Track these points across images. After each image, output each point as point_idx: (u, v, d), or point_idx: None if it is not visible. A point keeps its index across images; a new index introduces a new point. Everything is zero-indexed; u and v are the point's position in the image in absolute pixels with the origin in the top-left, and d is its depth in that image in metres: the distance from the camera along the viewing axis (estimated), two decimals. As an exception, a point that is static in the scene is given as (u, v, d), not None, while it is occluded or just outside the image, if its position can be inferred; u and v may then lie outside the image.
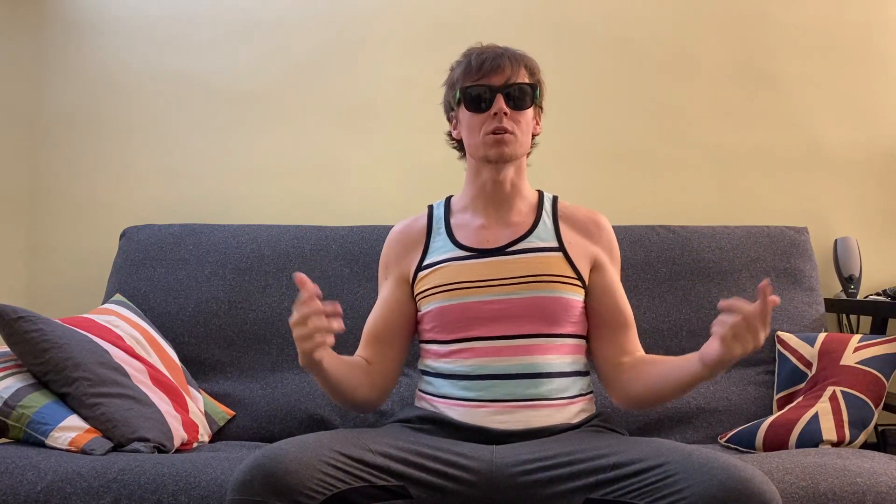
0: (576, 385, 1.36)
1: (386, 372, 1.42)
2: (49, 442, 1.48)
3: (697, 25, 2.31)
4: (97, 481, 1.31)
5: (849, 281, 2.13)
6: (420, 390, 1.43)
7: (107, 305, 1.90)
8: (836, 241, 2.18)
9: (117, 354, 1.68)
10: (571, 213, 1.47)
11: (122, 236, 2.12)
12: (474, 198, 1.45)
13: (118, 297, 1.96)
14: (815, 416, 1.64)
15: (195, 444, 1.72)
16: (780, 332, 1.91)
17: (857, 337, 1.78)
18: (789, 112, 2.29)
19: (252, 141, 2.32)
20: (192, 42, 2.34)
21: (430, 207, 1.52)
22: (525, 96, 1.38)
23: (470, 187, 1.46)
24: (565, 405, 1.33)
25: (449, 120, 1.50)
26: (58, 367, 1.55)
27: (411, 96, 2.30)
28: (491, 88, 1.36)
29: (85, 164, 2.33)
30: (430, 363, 1.41)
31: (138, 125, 2.33)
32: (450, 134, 1.50)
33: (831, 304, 2.08)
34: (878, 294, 2.10)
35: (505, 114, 1.36)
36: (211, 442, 1.81)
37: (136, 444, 1.52)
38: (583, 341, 1.42)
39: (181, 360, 1.89)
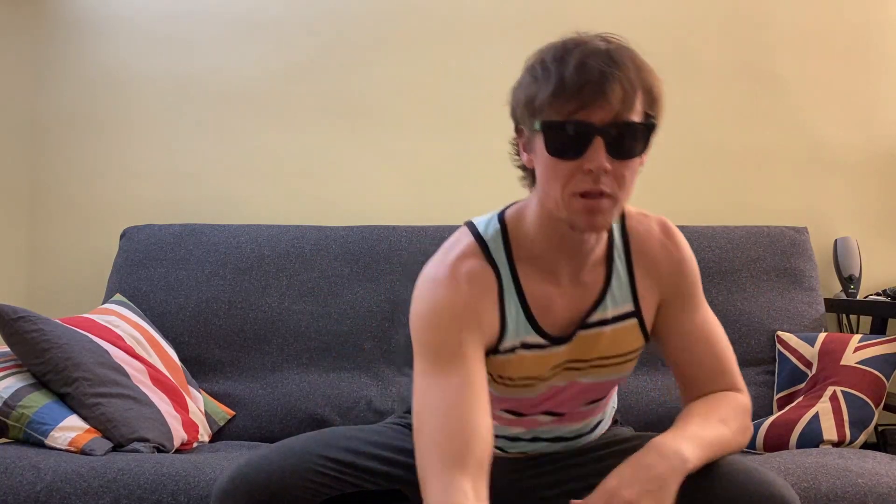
0: (608, 418, 1.28)
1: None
2: (49, 442, 1.48)
3: (697, 25, 2.30)
4: (97, 481, 1.31)
5: (849, 281, 2.12)
6: None
7: (107, 305, 1.90)
8: (836, 241, 2.18)
9: (117, 354, 1.68)
10: (643, 242, 1.15)
11: (122, 236, 2.12)
12: (545, 249, 1.08)
13: (118, 297, 1.96)
14: (816, 415, 1.64)
15: (195, 444, 1.72)
16: (780, 332, 1.91)
17: (857, 337, 1.78)
18: (789, 112, 2.28)
19: (252, 141, 2.32)
20: (192, 42, 2.34)
21: (480, 239, 1.08)
22: (637, 140, 0.99)
23: (540, 232, 1.08)
24: (592, 433, 1.25)
25: (517, 132, 1.07)
26: (58, 367, 1.55)
27: (411, 96, 2.30)
28: (588, 129, 0.95)
29: (85, 164, 2.33)
30: None
31: (138, 125, 2.33)
32: (516, 149, 1.09)
33: (831, 304, 2.08)
34: (878, 294, 2.10)
35: (605, 170, 0.95)
36: (211, 442, 1.81)
37: (135, 445, 1.52)
38: None
39: (181, 360, 1.89)
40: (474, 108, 2.28)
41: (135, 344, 1.76)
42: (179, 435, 1.65)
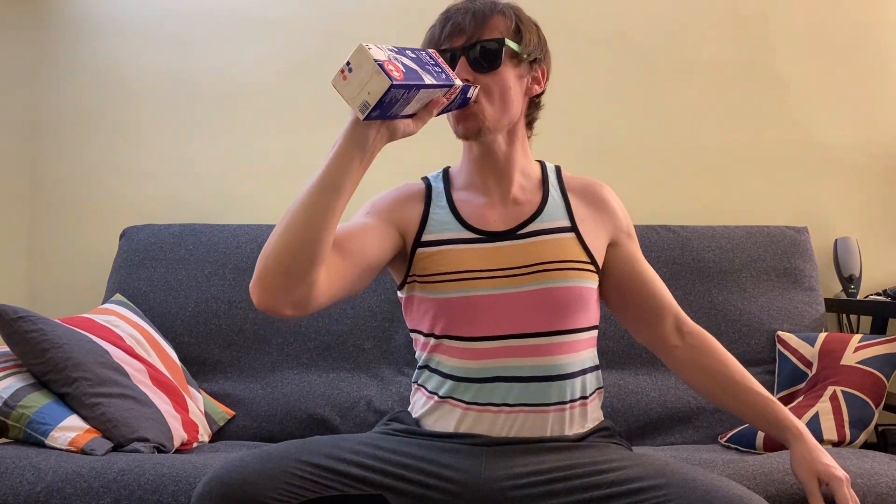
0: (589, 384, 1.26)
1: (331, 279, 1.12)
2: (49, 442, 1.48)
3: (697, 25, 2.30)
4: (97, 482, 1.31)
5: (849, 281, 2.13)
6: (420, 384, 1.28)
7: (107, 305, 1.90)
8: (836, 241, 2.18)
9: (117, 354, 1.68)
10: (578, 185, 1.33)
11: (122, 236, 2.12)
12: (471, 172, 1.31)
13: (118, 297, 1.96)
14: (816, 415, 1.64)
15: (195, 445, 1.72)
16: (780, 332, 1.91)
17: (857, 337, 1.78)
18: (789, 112, 2.29)
19: (252, 141, 2.32)
20: (193, 42, 2.34)
21: (426, 178, 1.37)
22: (491, 55, 1.21)
23: (465, 161, 1.33)
24: (577, 407, 1.23)
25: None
26: (58, 367, 1.55)
27: (411, 96, 2.30)
28: (452, 53, 1.23)
29: (85, 164, 2.33)
30: (432, 358, 1.26)
31: (138, 125, 2.33)
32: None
33: (831, 304, 2.08)
34: (878, 294, 2.10)
35: (466, 80, 1.19)
36: (211, 442, 1.81)
37: (135, 445, 1.52)
38: (595, 331, 1.30)
39: (181, 360, 1.89)
40: (474, 108, 2.28)
41: (135, 344, 1.76)
42: (179, 435, 1.65)
